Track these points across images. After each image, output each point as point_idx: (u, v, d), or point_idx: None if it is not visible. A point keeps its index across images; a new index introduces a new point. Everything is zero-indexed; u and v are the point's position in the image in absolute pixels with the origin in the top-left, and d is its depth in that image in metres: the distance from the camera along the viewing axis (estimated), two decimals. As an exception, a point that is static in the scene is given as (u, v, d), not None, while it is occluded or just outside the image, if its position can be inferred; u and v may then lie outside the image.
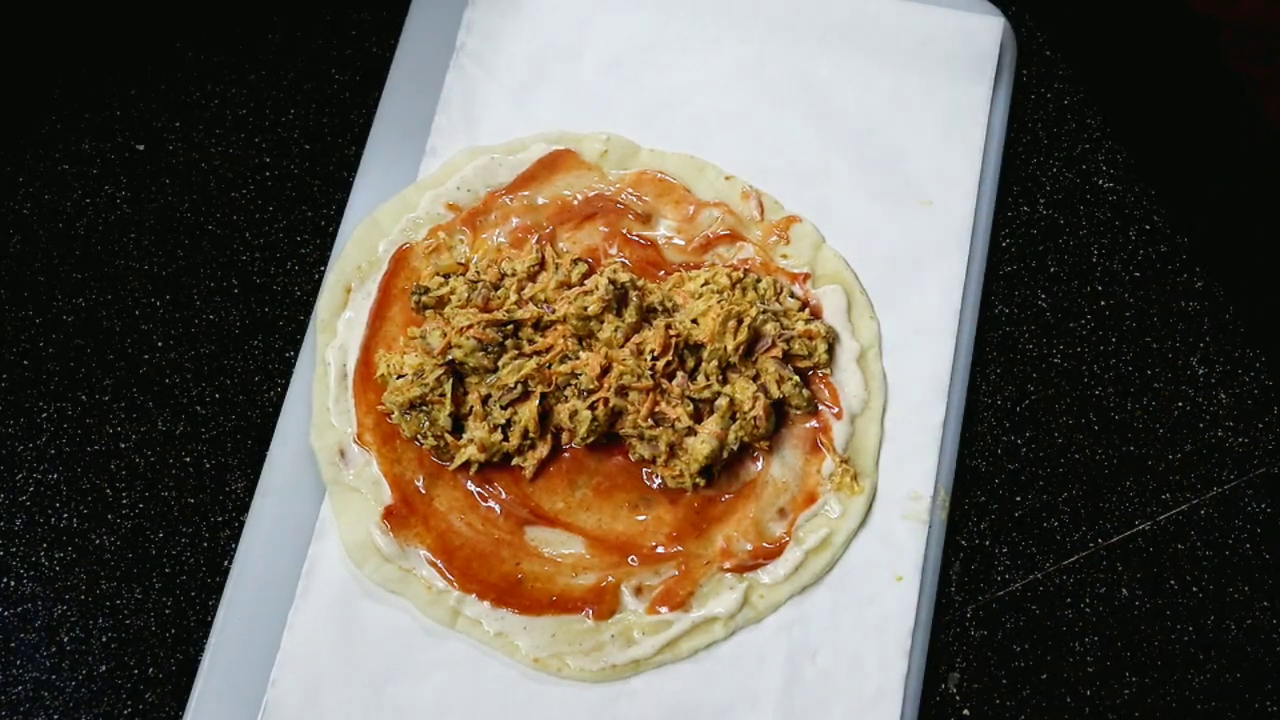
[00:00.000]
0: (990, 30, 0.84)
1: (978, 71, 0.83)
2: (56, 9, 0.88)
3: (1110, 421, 0.79)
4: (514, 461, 0.75)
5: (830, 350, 0.77)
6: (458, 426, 0.75)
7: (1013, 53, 0.85)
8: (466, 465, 0.75)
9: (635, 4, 0.86)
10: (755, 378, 0.75)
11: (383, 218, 0.80)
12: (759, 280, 0.78)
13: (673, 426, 0.74)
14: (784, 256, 0.80)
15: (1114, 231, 0.83)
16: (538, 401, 0.74)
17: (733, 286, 0.77)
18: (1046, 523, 0.77)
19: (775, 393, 0.75)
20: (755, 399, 0.74)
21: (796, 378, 0.76)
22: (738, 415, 0.74)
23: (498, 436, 0.74)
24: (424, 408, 0.74)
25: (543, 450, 0.75)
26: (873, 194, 0.81)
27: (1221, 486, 0.77)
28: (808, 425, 0.77)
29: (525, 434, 0.74)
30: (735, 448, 0.74)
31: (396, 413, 0.75)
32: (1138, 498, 0.77)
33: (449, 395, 0.74)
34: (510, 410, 0.74)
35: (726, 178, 0.81)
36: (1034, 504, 0.77)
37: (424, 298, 0.77)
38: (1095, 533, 0.77)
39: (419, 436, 0.75)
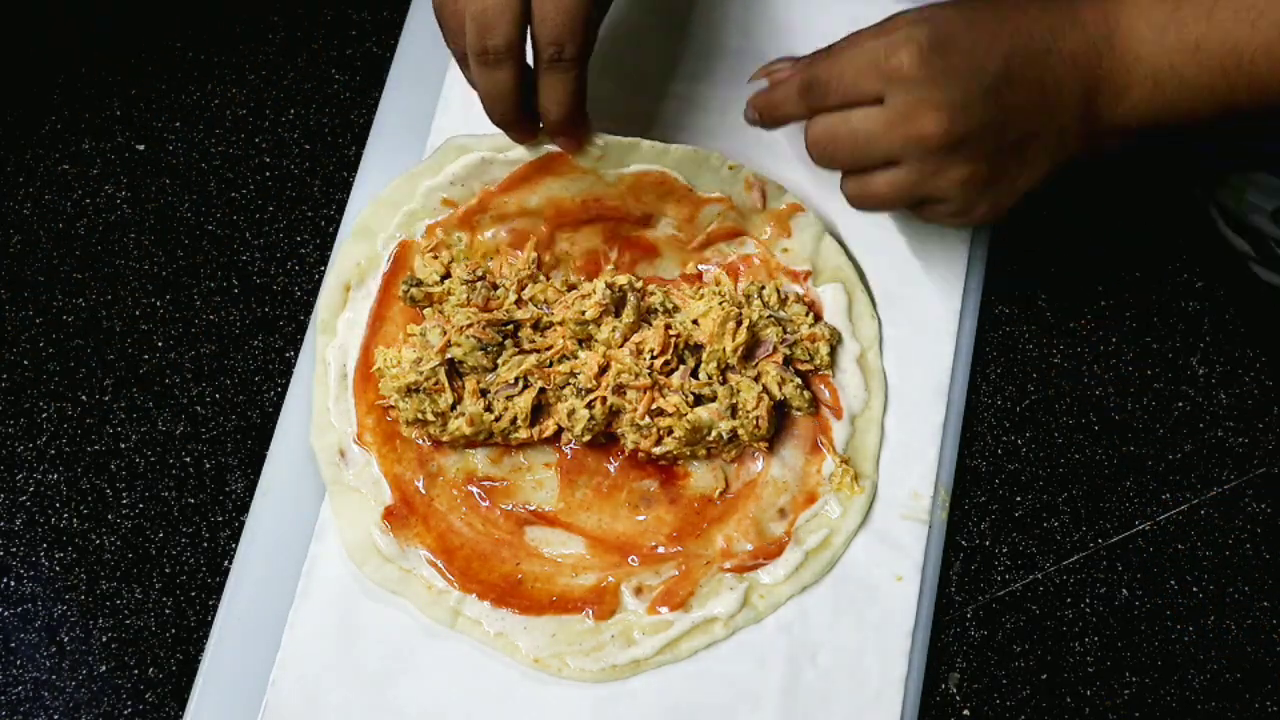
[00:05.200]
0: (990, 30, 0.84)
1: (978, 71, 0.83)
2: (56, 9, 0.88)
3: (1110, 421, 0.79)
4: (505, 438, 0.75)
5: (832, 351, 0.77)
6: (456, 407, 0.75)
7: (1013, 53, 0.85)
8: (470, 467, 0.75)
9: (635, 3, 0.86)
10: (756, 379, 0.75)
11: (379, 207, 0.79)
12: (763, 288, 0.77)
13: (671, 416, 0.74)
14: (785, 251, 0.79)
15: (1114, 232, 0.83)
16: (536, 392, 0.74)
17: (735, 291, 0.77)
18: (1046, 523, 0.77)
19: (777, 394, 0.75)
20: (760, 399, 0.74)
21: (798, 379, 0.76)
22: (739, 411, 0.74)
23: (490, 416, 0.74)
24: (422, 392, 0.74)
25: (529, 435, 0.75)
26: (873, 194, 0.81)
27: (1221, 486, 0.77)
28: (808, 425, 0.76)
29: (514, 420, 0.74)
30: (725, 436, 0.74)
31: (396, 396, 0.74)
32: (1138, 498, 0.77)
33: (446, 384, 0.74)
34: (508, 402, 0.74)
35: (730, 166, 0.79)
36: (1034, 504, 0.77)
37: (414, 290, 0.77)
38: (1095, 533, 0.77)
39: (419, 415, 0.74)
